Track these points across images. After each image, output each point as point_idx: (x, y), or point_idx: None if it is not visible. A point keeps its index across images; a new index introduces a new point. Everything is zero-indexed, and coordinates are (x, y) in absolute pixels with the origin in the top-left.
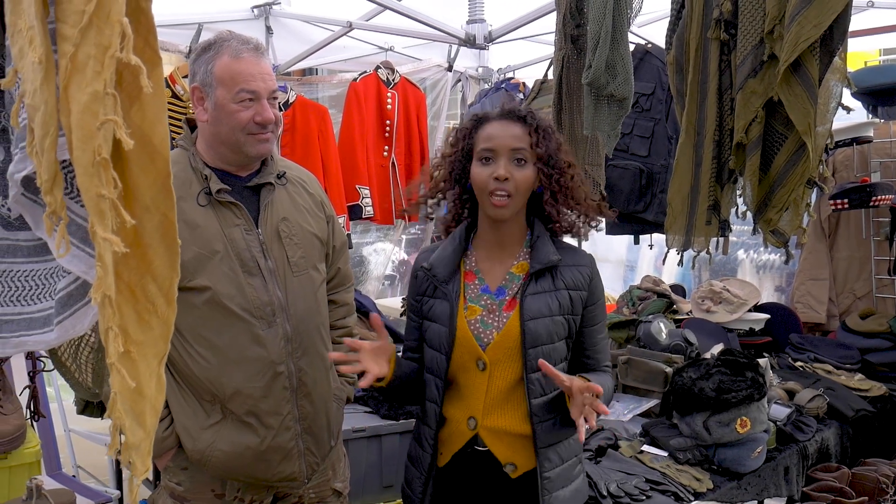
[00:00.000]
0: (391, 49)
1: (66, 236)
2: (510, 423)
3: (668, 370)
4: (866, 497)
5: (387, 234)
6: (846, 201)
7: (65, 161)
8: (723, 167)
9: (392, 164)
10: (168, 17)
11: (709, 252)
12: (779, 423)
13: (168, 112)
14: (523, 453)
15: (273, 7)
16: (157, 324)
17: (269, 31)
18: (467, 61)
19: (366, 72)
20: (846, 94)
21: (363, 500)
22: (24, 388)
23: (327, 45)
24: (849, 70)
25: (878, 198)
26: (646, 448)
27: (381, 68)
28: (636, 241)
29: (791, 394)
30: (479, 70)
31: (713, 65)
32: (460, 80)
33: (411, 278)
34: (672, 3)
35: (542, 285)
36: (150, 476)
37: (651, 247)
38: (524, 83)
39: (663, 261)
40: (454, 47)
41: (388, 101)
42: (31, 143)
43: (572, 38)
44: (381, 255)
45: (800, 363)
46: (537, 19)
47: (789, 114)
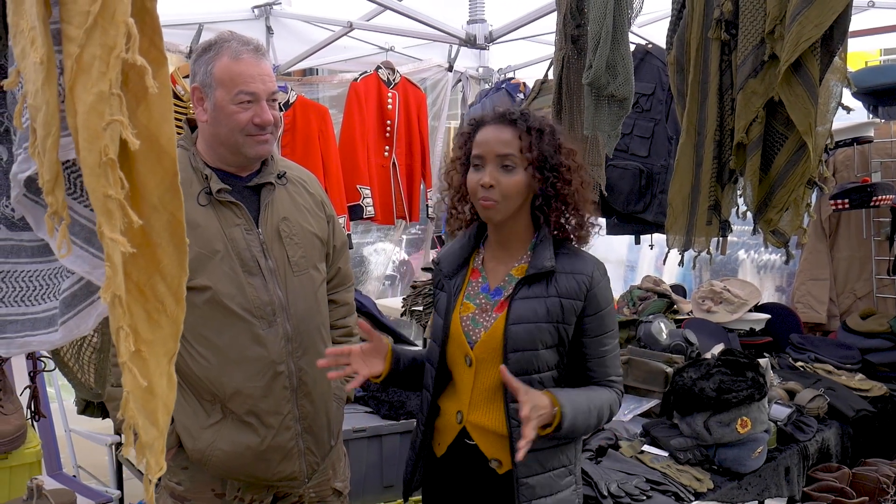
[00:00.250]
0: (392, 49)
1: (67, 237)
2: (491, 421)
3: (669, 370)
4: (867, 497)
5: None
6: (847, 201)
7: (67, 161)
8: (723, 167)
9: (393, 164)
10: (169, 17)
11: (709, 252)
12: (779, 423)
13: None
14: (505, 452)
15: (273, 7)
16: (166, 323)
17: (269, 31)
18: (468, 61)
19: (366, 72)
20: (846, 93)
21: (363, 500)
22: (25, 388)
23: (328, 45)
24: (849, 70)
25: (879, 198)
26: (646, 448)
27: (381, 68)
28: (637, 242)
29: (791, 394)
30: (480, 70)
31: (714, 65)
32: (461, 81)
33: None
34: (672, 3)
35: (535, 290)
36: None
37: (651, 247)
38: (524, 83)
39: (664, 261)
40: (455, 47)
41: (389, 101)
42: (33, 144)
43: (573, 38)
44: (382, 256)
45: (800, 363)
46: (538, 19)
47: (790, 114)
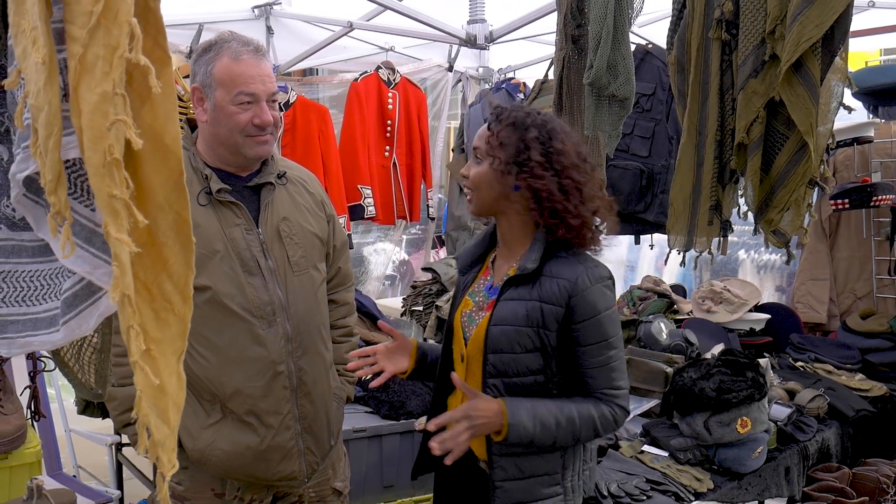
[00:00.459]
0: (392, 49)
1: (70, 237)
2: None
3: (669, 370)
4: (867, 497)
5: (387, 234)
6: (847, 201)
7: (68, 161)
8: (724, 167)
9: (393, 164)
10: (169, 17)
11: (711, 252)
12: (779, 423)
13: None
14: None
15: (274, 7)
16: (174, 321)
17: (269, 31)
18: (468, 61)
19: (367, 72)
20: (847, 93)
21: (363, 500)
22: (25, 388)
23: (328, 45)
24: (849, 70)
25: (879, 198)
26: (646, 448)
27: (381, 68)
28: (637, 242)
29: (791, 394)
30: (480, 70)
31: (714, 65)
32: (461, 81)
33: None
34: (673, 3)
35: (519, 292)
36: (151, 476)
37: (651, 247)
38: (524, 83)
39: (665, 261)
40: (455, 47)
41: (389, 101)
42: (34, 144)
43: (573, 38)
44: (382, 256)
45: (800, 363)
46: (538, 19)
47: (791, 114)
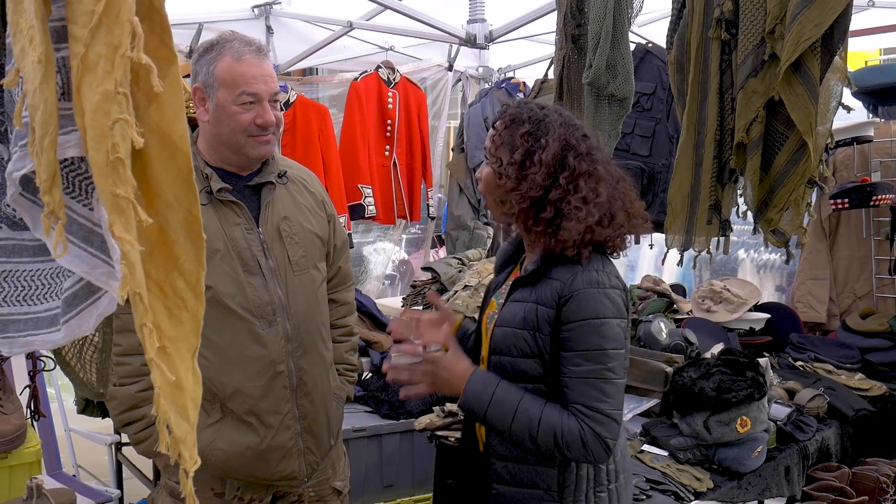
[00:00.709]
0: (391, 49)
1: (63, 236)
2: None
3: (669, 370)
4: (867, 497)
5: (387, 234)
6: (846, 201)
7: (66, 160)
8: (724, 167)
9: (393, 163)
10: (168, 16)
11: (709, 252)
12: (779, 422)
13: None
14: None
15: (273, 7)
16: (187, 318)
17: (269, 30)
18: (468, 61)
19: (367, 71)
20: (846, 93)
21: (363, 499)
22: (25, 388)
23: (328, 44)
24: (849, 69)
25: (879, 197)
26: (646, 448)
27: (381, 68)
28: (636, 241)
29: (791, 393)
30: (480, 70)
31: (714, 64)
32: (461, 80)
33: None
34: (673, 2)
35: (522, 294)
36: (151, 475)
37: (651, 246)
38: (524, 83)
39: (662, 261)
40: (454, 47)
41: (390, 100)
42: (32, 143)
43: (573, 37)
44: (382, 255)
45: (800, 363)
46: (538, 19)
47: (790, 113)
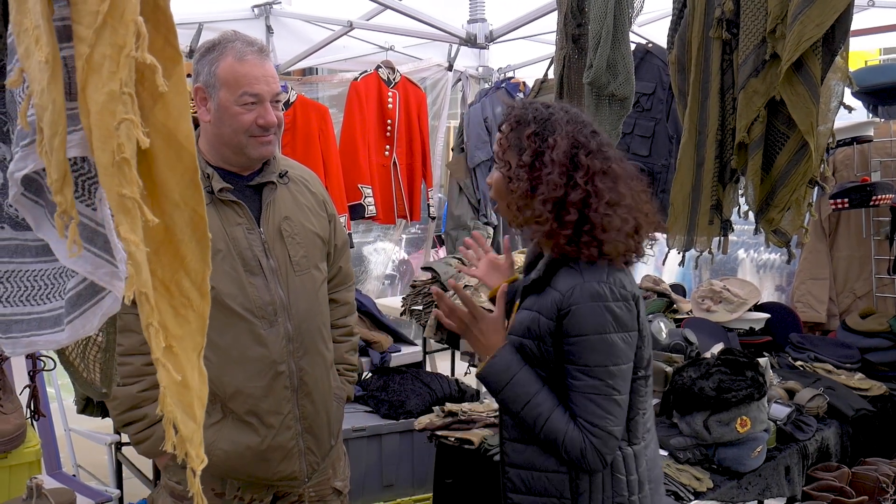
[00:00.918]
0: (391, 48)
1: (76, 236)
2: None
3: (668, 369)
4: (866, 496)
5: (387, 234)
6: (846, 201)
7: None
8: (725, 167)
9: (394, 163)
10: None
11: (711, 252)
12: (779, 422)
13: None
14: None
15: (273, 6)
16: (193, 317)
17: (269, 30)
18: (468, 61)
19: (367, 71)
20: (847, 93)
21: (363, 499)
22: (25, 388)
23: (328, 44)
24: (849, 69)
25: (879, 197)
26: None
27: (381, 68)
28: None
29: (791, 393)
30: (480, 70)
31: (715, 64)
32: (461, 80)
33: None
34: (674, 2)
35: (529, 302)
36: (151, 475)
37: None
38: (524, 83)
39: (663, 261)
40: (454, 47)
41: (390, 100)
42: (40, 143)
43: (573, 37)
44: (382, 255)
45: (800, 362)
46: (538, 19)
47: (791, 113)
